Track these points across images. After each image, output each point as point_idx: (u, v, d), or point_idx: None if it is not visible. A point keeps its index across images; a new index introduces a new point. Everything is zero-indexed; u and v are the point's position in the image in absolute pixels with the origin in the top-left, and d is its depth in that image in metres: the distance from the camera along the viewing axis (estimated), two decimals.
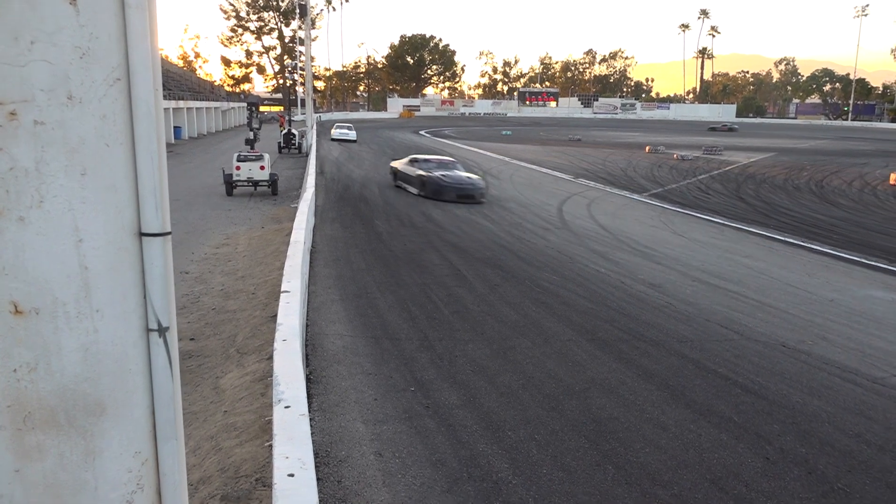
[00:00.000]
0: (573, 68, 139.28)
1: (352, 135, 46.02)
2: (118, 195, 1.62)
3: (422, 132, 59.58)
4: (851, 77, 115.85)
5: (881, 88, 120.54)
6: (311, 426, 5.21)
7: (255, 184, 20.80)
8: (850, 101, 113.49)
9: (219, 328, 8.53)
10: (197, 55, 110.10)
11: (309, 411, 5.64)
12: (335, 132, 46.82)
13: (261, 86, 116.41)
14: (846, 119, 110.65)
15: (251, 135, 23.59)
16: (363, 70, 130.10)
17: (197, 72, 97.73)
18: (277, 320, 5.82)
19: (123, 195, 1.62)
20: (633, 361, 7.39)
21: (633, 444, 5.53)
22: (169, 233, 1.72)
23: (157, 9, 1.62)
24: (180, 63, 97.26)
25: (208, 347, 7.83)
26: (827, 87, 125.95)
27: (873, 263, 12.56)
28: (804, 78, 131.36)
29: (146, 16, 1.57)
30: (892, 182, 24.73)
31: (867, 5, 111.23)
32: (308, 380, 6.56)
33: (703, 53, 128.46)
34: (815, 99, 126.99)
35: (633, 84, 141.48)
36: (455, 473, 5.01)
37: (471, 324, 8.58)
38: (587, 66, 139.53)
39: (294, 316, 6.08)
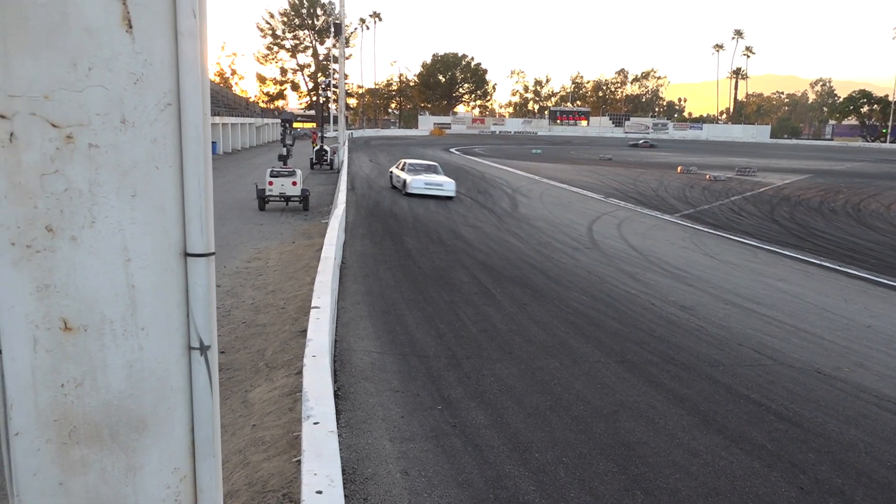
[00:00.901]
0: (605, 88, 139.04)
1: (448, 187, 23.67)
2: (166, 216, 1.67)
3: (452, 150, 59.88)
4: (890, 98, 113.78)
5: None
6: (338, 443, 5.24)
7: (287, 199, 21.07)
8: (889, 123, 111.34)
9: (248, 342, 8.62)
10: (233, 72, 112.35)
11: (336, 427, 5.68)
12: (412, 180, 23.69)
13: (294, 102, 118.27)
14: (884, 141, 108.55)
15: (284, 151, 23.92)
16: (395, 88, 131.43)
17: (233, 88, 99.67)
18: (307, 336, 5.87)
19: (171, 216, 1.67)
20: (663, 385, 7.29)
21: (662, 470, 5.44)
22: (213, 253, 1.76)
23: (208, 36, 1.68)
24: (217, 80, 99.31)
25: (238, 361, 7.92)
26: (864, 109, 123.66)
27: None
28: (841, 99, 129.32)
29: (198, 43, 1.62)
30: None
31: None
32: (336, 396, 6.59)
33: (738, 74, 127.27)
34: (852, 121, 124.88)
35: (665, 104, 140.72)
36: (481, 494, 4.98)
37: (499, 343, 8.56)
38: (619, 85, 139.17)
39: (324, 332, 6.13)
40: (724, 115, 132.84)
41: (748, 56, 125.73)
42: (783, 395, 7.10)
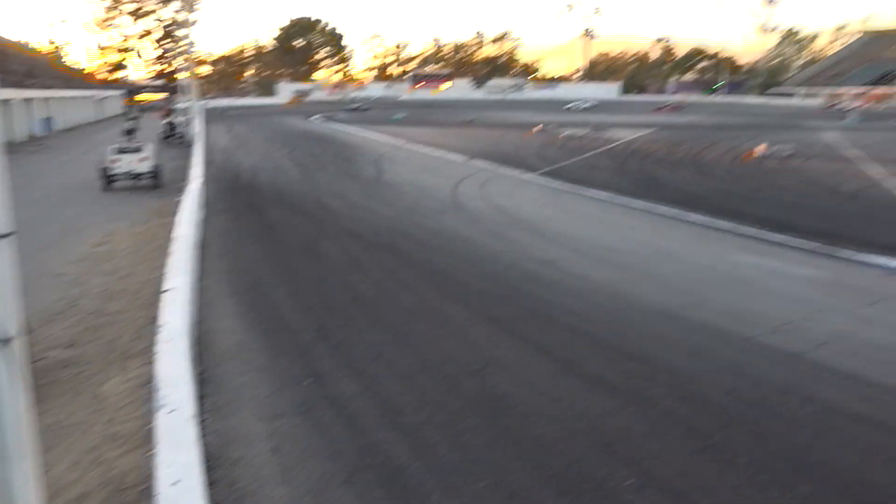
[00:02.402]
0: (463, 50, 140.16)
1: None
2: None
3: (313, 117, 58.41)
4: (721, 55, 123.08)
5: (749, 66, 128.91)
6: (202, 428, 5.04)
7: (136, 177, 19.69)
8: (723, 77, 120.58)
9: (99, 332, 8.06)
10: (68, 42, 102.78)
11: (201, 413, 5.46)
12: None
13: (141, 72, 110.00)
14: (719, 94, 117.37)
15: (129, 124, 22.33)
16: (250, 55, 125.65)
17: (68, 58, 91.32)
18: (160, 320, 5.57)
19: None
20: (527, 338, 7.59)
21: (528, 418, 5.69)
22: (13, 233, 1.58)
23: None
24: (50, 49, 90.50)
25: (88, 354, 7.38)
26: (701, 66, 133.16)
27: (744, 231, 13.45)
28: (680, 57, 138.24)
29: None
30: (760, 153, 26.54)
31: None
32: (200, 380, 6.33)
33: (587, 34, 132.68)
34: (691, 76, 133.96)
35: (522, 65, 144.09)
36: (354, 463, 4.99)
37: (368, 310, 8.54)
38: (476, 48, 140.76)
39: (179, 315, 5.85)
40: (578, 75, 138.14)
41: (596, 16, 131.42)
42: (635, 337, 7.61)
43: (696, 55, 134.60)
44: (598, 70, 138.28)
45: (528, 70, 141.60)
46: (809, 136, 37.22)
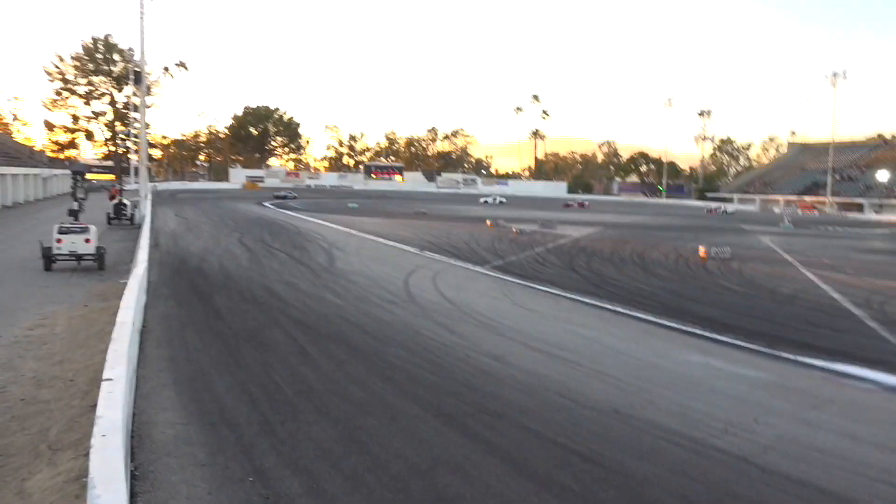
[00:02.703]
0: (417, 144, 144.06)
1: None
2: None
3: (265, 203, 58.44)
4: (663, 160, 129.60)
5: (688, 170, 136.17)
6: None
7: (80, 258, 19.19)
8: (664, 181, 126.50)
9: (28, 422, 7.60)
10: (15, 117, 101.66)
11: None
12: None
13: (90, 152, 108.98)
14: (661, 197, 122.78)
15: (76, 205, 21.95)
16: (204, 140, 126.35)
17: (14, 135, 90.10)
18: (97, 413, 5.31)
19: None
20: (477, 435, 7.46)
21: None
22: None
23: None
24: None
25: (14, 445, 6.93)
26: (643, 168, 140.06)
27: (689, 330, 13.76)
28: (624, 160, 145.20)
29: None
30: (702, 255, 27.55)
31: (671, 98, 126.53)
32: (133, 476, 5.98)
33: (536, 135, 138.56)
34: (634, 178, 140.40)
35: (474, 161, 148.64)
36: None
37: (315, 404, 8.31)
38: (430, 142, 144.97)
39: (117, 407, 5.59)
40: (528, 173, 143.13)
41: (545, 118, 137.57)
42: (586, 436, 7.55)
43: (638, 158, 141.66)
44: (547, 168, 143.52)
45: (480, 166, 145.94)
46: (745, 240, 38.97)
